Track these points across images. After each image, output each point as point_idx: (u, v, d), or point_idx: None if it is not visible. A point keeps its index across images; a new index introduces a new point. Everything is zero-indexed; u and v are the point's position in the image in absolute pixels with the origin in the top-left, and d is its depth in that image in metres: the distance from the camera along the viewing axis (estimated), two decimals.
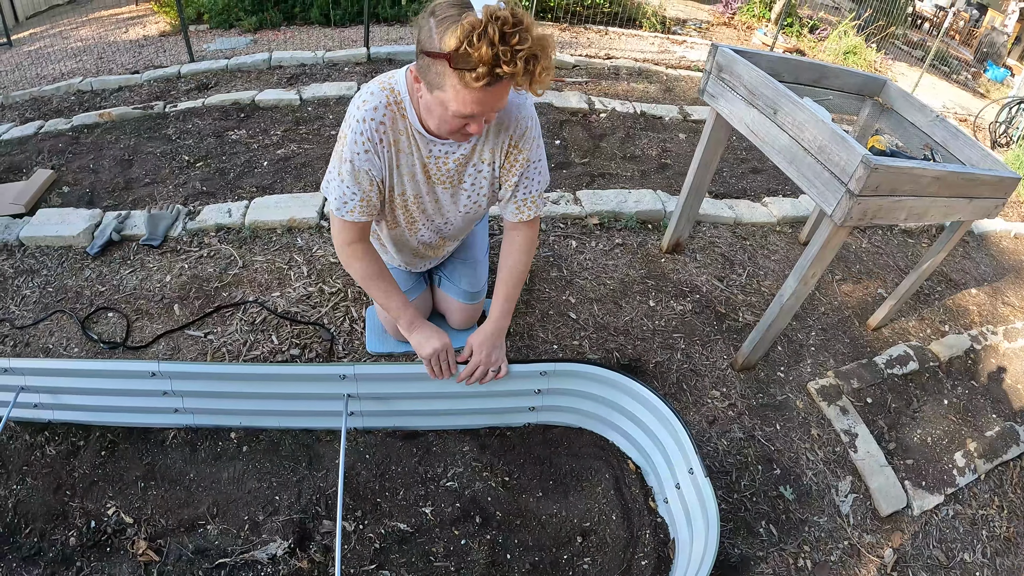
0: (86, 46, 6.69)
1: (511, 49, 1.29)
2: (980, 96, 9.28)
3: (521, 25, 1.32)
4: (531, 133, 1.76)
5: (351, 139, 1.63)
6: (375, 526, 1.81)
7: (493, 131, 1.73)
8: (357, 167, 1.66)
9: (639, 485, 1.98)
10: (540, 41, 1.35)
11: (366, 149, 1.64)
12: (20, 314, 2.43)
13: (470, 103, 1.40)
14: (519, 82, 1.36)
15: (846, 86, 2.62)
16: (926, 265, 2.56)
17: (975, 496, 2.25)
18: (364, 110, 1.61)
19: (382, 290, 1.87)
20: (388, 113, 1.63)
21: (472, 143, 1.73)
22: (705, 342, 2.55)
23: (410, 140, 1.69)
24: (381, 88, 1.63)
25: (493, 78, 1.33)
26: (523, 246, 1.92)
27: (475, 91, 1.37)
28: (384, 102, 1.62)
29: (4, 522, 1.77)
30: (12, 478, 1.88)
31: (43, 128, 4.10)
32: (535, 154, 1.79)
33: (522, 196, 1.84)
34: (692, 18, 8.90)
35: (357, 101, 1.64)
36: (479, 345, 1.91)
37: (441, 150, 1.72)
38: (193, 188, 3.31)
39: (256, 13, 6.93)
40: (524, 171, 1.79)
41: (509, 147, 1.75)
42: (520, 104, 1.72)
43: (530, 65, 1.34)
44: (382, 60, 5.54)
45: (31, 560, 1.69)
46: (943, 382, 2.64)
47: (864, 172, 1.75)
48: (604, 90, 5.38)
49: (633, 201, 3.28)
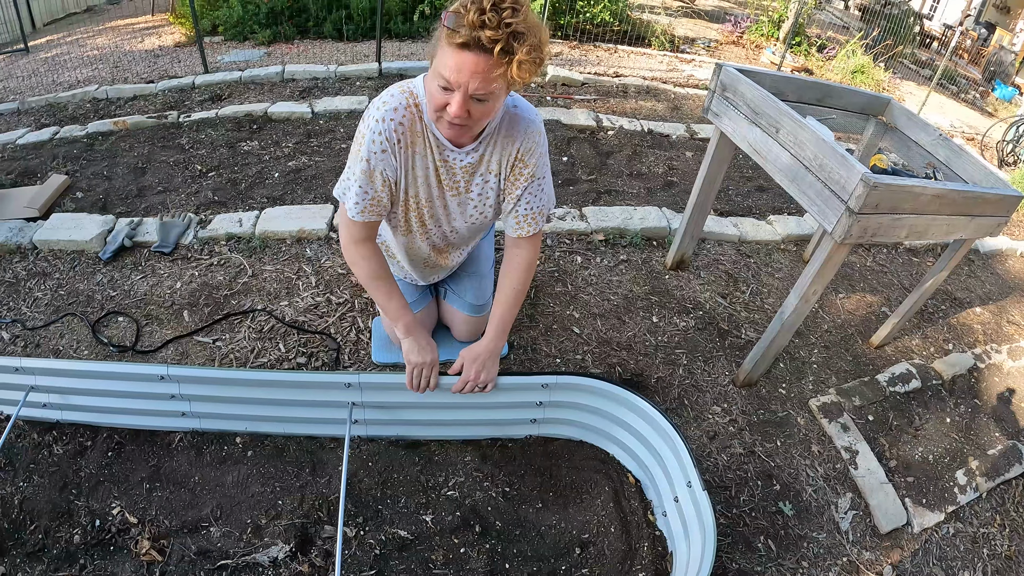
0: (102, 54, 6.78)
1: (499, 18, 1.33)
2: (988, 115, 9.27)
3: (517, 4, 1.36)
4: (538, 149, 1.78)
5: (369, 138, 1.65)
6: (376, 532, 1.83)
7: (501, 143, 1.75)
8: (373, 166, 1.68)
9: (638, 498, 1.99)
10: (532, 26, 1.39)
11: (383, 149, 1.66)
12: (32, 315, 2.47)
13: (449, 67, 1.42)
14: (499, 60, 1.38)
15: (850, 105, 2.65)
16: (929, 283, 2.57)
17: (976, 514, 2.25)
18: (384, 110, 1.64)
19: (384, 292, 1.89)
20: (407, 115, 1.65)
21: (480, 152, 1.75)
22: (707, 358, 2.56)
23: (426, 143, 1.71)
24: (401, 91, 1.66)
25: (473, 42, 1.36)
26: (522, 266, 1.93)
27: (455, 52, 1.40)
28: (404, 103, 1.65)
29: (10, 518, 1.79)
30: (19, 475, 1.90)
31: (58, 134, 4.16)
32: (540, 171, 1.82)
33: (524, 211, 1.86)
34: (701, 37, 8.97)
35: (377, 102, 1.67)
36: (470, 361, 1.92)
37: (452, 156, 1.74)
38: (205, 197, 3.36)
39: (270, 26, 7.02)
40: (528, 185, 1.81)
41: (515, 160, 1.78)
42: (530, 120, 1.75)
43: (513, 43, 1.37)
44: (394, 75, 5.60)
45: (35, 556, 1.71)
46: (946, 400, 2.65)
47: (864, 190, 1.77)
48: (612, 108, 5.42)
49: (638, 218, 3.31)
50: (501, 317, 1.96)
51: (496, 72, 1.41)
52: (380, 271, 1.88)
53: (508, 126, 1.75)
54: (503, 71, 1.41)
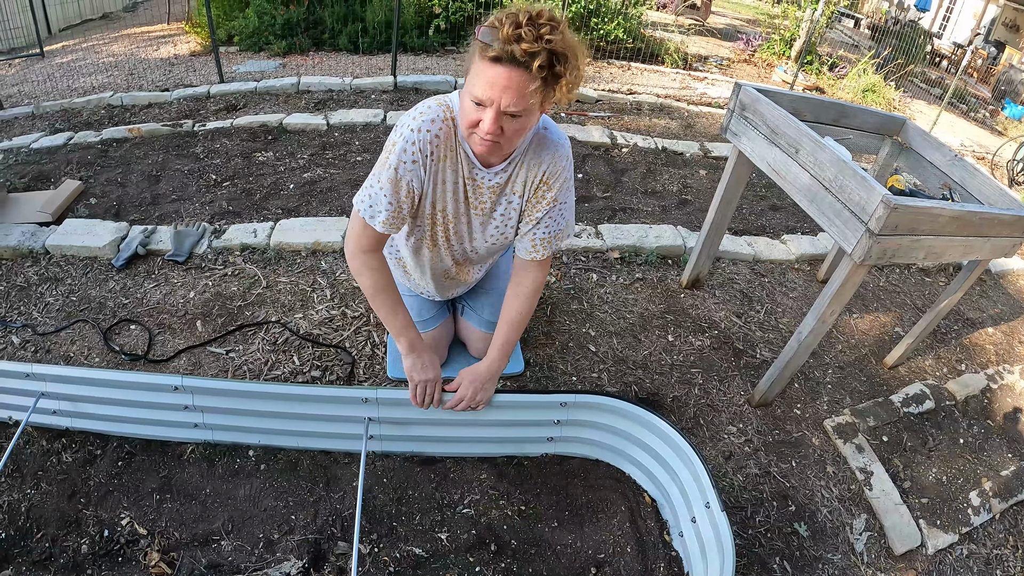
0: (117, 61, 6.82)
1: (536, 33, 1.32)
2: (998, 134, 9.25)
3: (555, 21, 1.35)
4: (564, 174, 1.76)
5: (401, 147, 1.62)
6: (390, 550, 1.81)
7: (528, 164, 1.73)
8: (400, 175, 1.65)
9: (654, 518, 1.97)
10: (571, 44, 1.38)
11: (414, 160, 1.64)
12: (42, 321, 2.47)
13: (481, 83, 1.40)
14: (536, 75, 1.36)
15: (865, 125, 2.64)
16: (943, 304, 2.56)
17: (990, 536, 2.23)
18: (420, 120, 1.61)
19: (389, 306, 1.85)
20: (444, 128, 1.63)
21: (509, 173, 1.73)
22: (722, 378, 2.55)
23: (457, 158, 1.70)
24: (439, 104, 1.64)
25: (506, 56, 1.34)
26: (530, 290, 1.91)
27: (488, 66, 1.38)
28: (440, 116, 1.63)
29: (16, 526, 1.78)
30: (27, 482, 1.89)
31: (72, 139, 4.18)
32: (563, 195, 1.79)
33: (541, 235, 1.83)
34: (713, 55, 8.99)
35: (413, 113, 1.64)
36: (468, 381, 1.90)
37: (480, 175, 1.73)
38: (219, 207, 3.37)
39: (286, 38, 7.05)
40: (550, 210, 1.79)
41: (540, 182, 1.76)
42: (559, 144, 1.73)
43: (552, 60, 1.36)
44: (408, 89, 5.63)
45: (41, 565, 1.69)
46: (959, 421, 2.63)
47: (884, 211, 1.77)
48: (626, 125, 5.44)
49: (654, 236, 3.30)
50: (504, 339, 1.94)
51: (531, 87, 1.39)
52: (386, 284, 1.84)
53: (536, 148, 1.72)
54: (538, 86, 1.39)
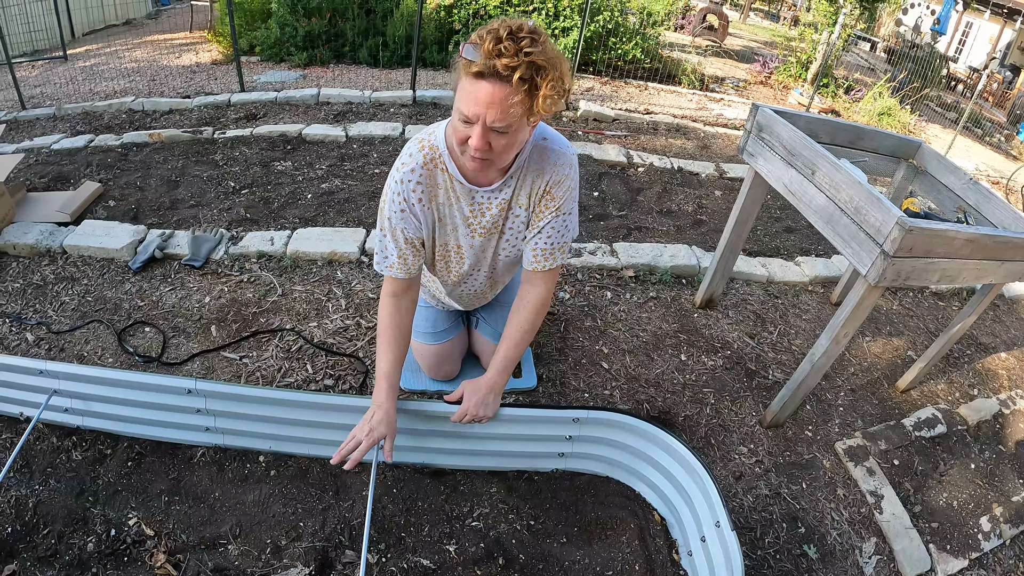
0: (139, 67, 6.93)
1: (516, 47, 1.33)
2: (1013, 158, 9.20)
3: (535, 34, 1.36)
4: (567, 183, 1.75)
5: (389, 198, 1.71)
6: (398, 560, 1.80)
7: (531, 177, 1.73)
8: (393, 225, 1.73)
9: (663, 537, 1.96)
10: (552, 57, 1.38)
11: (401, 209, 1.71)
12: (57, 319, 2.50)
13: (467, 99, 1.41)
14: (516, 89, 1.36)
15: (881, 148, 2.64)
16: (956, 328, 2.55)
17: (1000, 561, 2.20)
18: (402, 172, 1.68)
19: (383, 350, 1.82)
20: (424, 173, 1.68)
21: (511, 187, 1.74)
22: (734, 398, 2.54)
23: (449, 192, 1.73)
24: (420, 148, 1.68)
25: (489, 71, 1.35)
26: (534, 304, 1.89)
27: (472, 82, 1.39)
28: (420, 162, 1.68)
29: (23, 521, 1.78)
30: (35, 478, 1.90)
31: (93, 142, 4.24)
32: (567, 206, 1.79)
33: (543, 244, 1.82)
34: (730, 76, 9.03)
35: (397, 163, 1.71)
36: (470, 393, 1.89)
37: (483, 196, 1.74)
38: (237, 214, 3.40)
39: (307, 49, 7.14)
40: (552, 219, 1.79)
41: (544, 192, 1.76)
42: (560, 152, 1.73)
43: (532, 73, 1.36)
44: (427, 103, 5.68)
45: (46, 561, 1.69)
46: (971, 446, 2.60)
47: (899, 233, 1.77)
48: (643, 144, 5.46)
49: (668, 255, 3.31)
50: (506, 355, 1.92)
51: (513, 100, 1.38)
52: (392, 334, 1.83)
53: (537, 159, 1.72)
54: (520, 99, 1.39)
